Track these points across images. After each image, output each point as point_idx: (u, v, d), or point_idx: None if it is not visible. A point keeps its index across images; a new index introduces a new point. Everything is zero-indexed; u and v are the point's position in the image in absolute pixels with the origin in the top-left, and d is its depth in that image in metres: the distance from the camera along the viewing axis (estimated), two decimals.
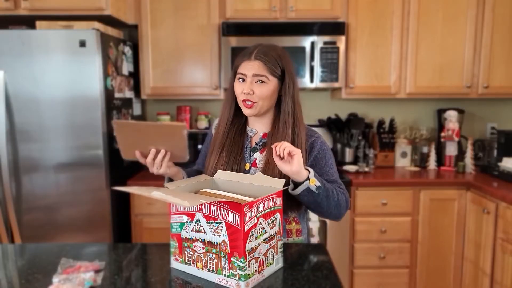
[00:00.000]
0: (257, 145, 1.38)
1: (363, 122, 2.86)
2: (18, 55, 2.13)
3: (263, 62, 1.28)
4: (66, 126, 2.18)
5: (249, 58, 1.29)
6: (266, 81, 1.28)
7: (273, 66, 1.29)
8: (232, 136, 1.37)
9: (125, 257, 1.28)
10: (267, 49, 1.31)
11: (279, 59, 1.30)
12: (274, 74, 1.29)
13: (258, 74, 1.28)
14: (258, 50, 1.30)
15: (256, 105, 1.30)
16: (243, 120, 1.41)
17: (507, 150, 2.61)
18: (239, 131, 1.39)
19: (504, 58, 2.65)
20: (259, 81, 1.28)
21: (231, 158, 1.35)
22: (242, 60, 1.31)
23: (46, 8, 2.31)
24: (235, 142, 1.37)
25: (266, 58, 1.28)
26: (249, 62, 1.29)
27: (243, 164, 1.36)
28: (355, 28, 2.63)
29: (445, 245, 2.52)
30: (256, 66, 1.28)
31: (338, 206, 1.27)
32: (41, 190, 2.23)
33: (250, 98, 1.28)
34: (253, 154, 1.37)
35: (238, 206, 0.99)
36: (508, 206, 2.11)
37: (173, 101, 2.94)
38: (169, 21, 2.61)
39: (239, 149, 1.37)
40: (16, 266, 1.23)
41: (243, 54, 1.33)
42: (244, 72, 1.29)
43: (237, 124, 1.40)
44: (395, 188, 2.48)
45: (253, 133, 1.40)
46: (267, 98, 1.30)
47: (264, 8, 2.59)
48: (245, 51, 1.33)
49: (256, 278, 1.06)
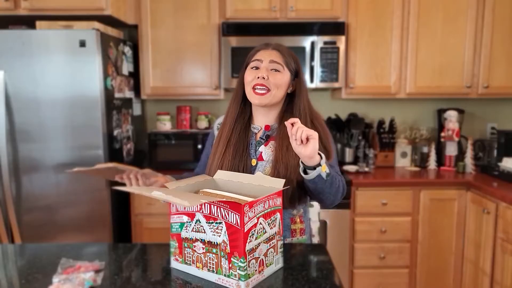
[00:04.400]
0: (261, 138, 1.37)
1: (363, 122, 2.86)
2: (18, 55, 2.13)
3: (280, 52, 1.31)
4: (66, 126, 2.18)
5: (267, 47, 1.33)
6: (281, 70, 1.30)
7: (289, 59, 1.32)
8: (238, 133, 1.36)
9: (125, 257, 1.28)
10: (283, 46, 1.35)
11: (293, 57, 1.34)
12: (289, 67, 1.32)
13: (275, 61, 1.29)
14: (275, 44, 1.34)
15: (269, 94, 1.28)
16: (248, 117, 1.40)
17: (507, 150, 2.61)
18: (243, 128, 1.39)
19: (504, 58, 2.65)
20: (274, 69, 1.29)
21: (237, 155, 1.34)
22: (258, 49, 1.34)
23: (46, 8, 2.32)
24: (240, 139, 1.36)
25: (283, 50, 1.32)
26: (266, 51, 1.32)
27: (249, 161, 1.35)
28: (355, 28, 2.63)
29: (445, 245, 2.52)
30: (273, 54, 1.31)
31: (337, 193, 1.28)
32: (41, 190, 2.23)
33: (264, 82, 1.27)
34: (258, 148, 1.36)
35: (238, 206, 0.99)
36: (508, 206, 2.11)
37: (173, 101, 2.94)
38: (169, 21, 2.61)
39: (244, 146, 1.36)
40: (16, 266, 1.23)
41: (256, 48, 1.35)
42: (261, 58, 1.31)
43: (242, 121, 1.39)
44: (395, 188, 2.48)
45: (257, 130, 1.39)
46: (281, 87, 1.30)
47: (264, 8, 2.59)
48: (259, 45, 1.35)
49: (256, 278, 1.06)
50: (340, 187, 1.28)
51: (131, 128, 2.67)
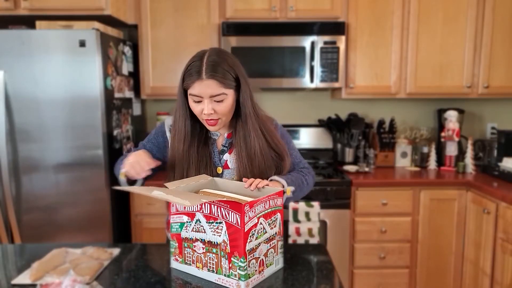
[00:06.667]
0: (224, 146, 1.36)
1: (363, 122, 2.86)
2: (18, 55, 2.13)
3: (217, 80, 1.19)
4: (66, 126, 2.18)
5: (200, 77, 1.18)
6: (224, 98, 1.22)
7: (227, 80, 1.20)
8: (196, 148, 1.31)
9: (125, 257, 1.28)
10: (215, 62, 1.20)
11: (230, 69, 1.22)
12: (230, 87, 1.22)
13: (216, 94, 1.20)
14: (207, 67, 1.19)
15: (220, 121, 1.26)
16: (200, 126, 1.34)
17: (507, 150, 2.61)
18: (202, 140, 1.34)
19: (504, 58, 2.65)
20: (217, 101, 1.22)
21: (201, 168, 1.30)
22: (192, 79, 1.20)
23: (46, 8, 2.31)
24: (201, 153, 1.32)
25: (218, 74, 1.19)
26: (202, 82, 1.19)
27: (215, 169, 1.34)
28: (355, 28, 2.63)
29: (445, 245, 2.52)
30: (211, 86, 1.19)
31: (309, 187, 1.39)
32: (41, 190, 2.22)
33: (212, 117, 1.24)
34: (222, 156, 1.35)
35: (239, 206, 0.98)
36: (508, 206, 2.11)
37: (173, 101, 2.90)
38: (169, 21, 2.61)
39: (207, 158, 1.33)
40: (16, 266, 1.23)
41: (190, 72, 1.21)
42: (199, 94, 1.21)
43: (197, 134, 1.33)
44: (395, 188, 2.48)
45: (216, 136, 1.37)
46: (229, 111, 1.26)
47: (264, 8, 2.59)
48: (191, 66, 1.21)
49: (256, 278, 1.06)
50: (309, 182, 1.39)
51: (131, 128, 2.67)
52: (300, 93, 3.02)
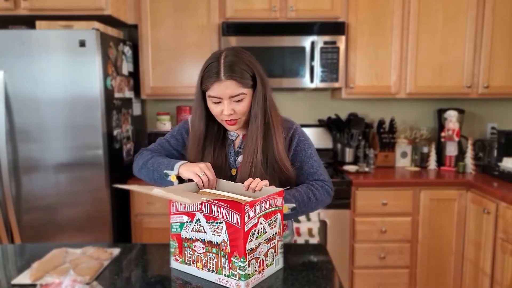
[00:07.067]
0: (240, 148, 1.35)
1: (363, 122, 2.86)
2: (18, 55, 2.13)
3: (236, 80, 1.19)
4: (66, 126, 2.18)
5: (219, 78, 1.19)
6: (243, 97, 1.23)
7: (245, 79, 1.21)
8: (212, 149, 1.31)
9: (125, 257, 1.28)
10: (233, 62, 1.20)
11: (247, 68, 1.22)
12: (248, 86, 1.23)
13: (235, 95, 1.21)
14: (226, 67, 1.19)
15: (239, 120, 1.27)
16: (218, 127, 1.34)
17: (507, 150, 2.61)
18: (219, 141, 1.34)
19: (504, 58, 2.65)
20: (236, 100, 1.22)
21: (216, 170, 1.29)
22: (211, 81, 1.20)
23: (46, 8, 2.31)
24: (218, 154, 1.32)
25: (236, 74, 1.19)
26: (221, 83, 1.19)
27: (229, 171, 1.34)
28: (355, 28, 2.63)
29: (445, 245, 2.52)
30: (230, 87, 1.19)
31: (319, 203, 1.32)
32: (41, 190, 2.22)
33: (232, 117, 1.24)
34: (237, 158, 1.35)
35: (239, 206, 0.98)
36: (508, 206, 2.11)
37: (173, 101, 2.94)
38: (169, 21, 2.61)
39: (223, 159, 1.33)
40: (16, 266, 1.23)
41: (209, 73, 1.21)
42: (219, 96, 1.21)
43: (214, 134, 1.33)
44: (395, 188, 2.48)
45: (234, 136, 1.37)
46: (248, 110, 1.26)
47: (264, 8, 2.59)
48: (208, 67, 1.22)
49: (256, 278, 1.05)
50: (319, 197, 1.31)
51: (131, 128, 2.67)
52: (300, 93, 3.02)
